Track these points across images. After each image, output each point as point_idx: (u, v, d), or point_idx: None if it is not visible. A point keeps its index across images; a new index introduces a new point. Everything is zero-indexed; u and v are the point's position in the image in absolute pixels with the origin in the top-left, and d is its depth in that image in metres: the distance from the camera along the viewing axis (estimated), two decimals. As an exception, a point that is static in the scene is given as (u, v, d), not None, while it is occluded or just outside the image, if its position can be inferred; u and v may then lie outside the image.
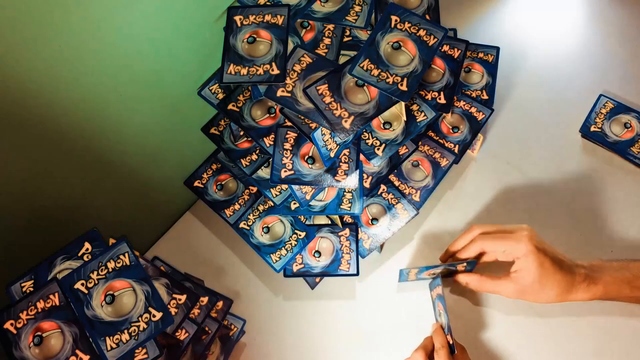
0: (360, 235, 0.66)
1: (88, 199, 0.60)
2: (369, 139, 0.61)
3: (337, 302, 0.67)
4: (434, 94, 0.63)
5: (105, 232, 0.53)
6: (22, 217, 0.54)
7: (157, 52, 0.55)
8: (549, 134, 0.74)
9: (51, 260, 0.51)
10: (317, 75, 0.58)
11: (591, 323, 0.61)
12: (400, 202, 0.66)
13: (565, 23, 0.85)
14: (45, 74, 0.46)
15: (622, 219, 0.66)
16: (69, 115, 0.51)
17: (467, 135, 0.69)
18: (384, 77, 0.55)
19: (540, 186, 0.71)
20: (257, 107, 0.63)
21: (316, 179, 0.59)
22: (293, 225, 0.65)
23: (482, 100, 0.71)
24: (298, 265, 0.64)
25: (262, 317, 0.67)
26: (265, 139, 0.62)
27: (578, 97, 0.76)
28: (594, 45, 0.81)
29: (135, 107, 0.58)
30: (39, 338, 0.45)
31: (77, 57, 0.47)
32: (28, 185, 0.52)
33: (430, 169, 0.68)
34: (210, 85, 0.64)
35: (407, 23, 0.57)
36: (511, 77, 0.79)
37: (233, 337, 0.63)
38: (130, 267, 0.49)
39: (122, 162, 0.61)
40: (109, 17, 0.48)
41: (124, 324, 0.46)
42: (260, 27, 0.59)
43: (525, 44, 0.83)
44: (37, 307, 0.46)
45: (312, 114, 0.57)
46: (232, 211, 0.69)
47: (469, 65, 0.73)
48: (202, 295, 0.57)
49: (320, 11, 0.61)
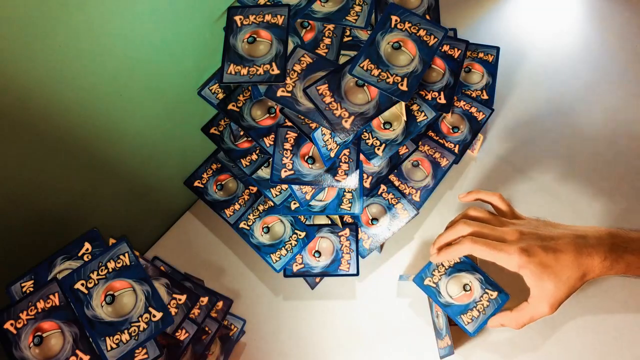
0: (360, 235, 0.66)
1: (88, 199, 0.60)
2: (369, 139, 0.61)
3: (337, 302, 0.67)
4: (434, 94, 0.63)
5: (105, 232, 0.53)
6: (22, 217, 0.54)
7: (157, 52, 0.55)
8: (548, 134, 0.74)
9: (51, 260, 0.51)
10: (317, 75, 0.58)
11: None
12: (400, 202, 0.66)
13: (565, 23, 0.85)
14: (44, 75, 0.46)
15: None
16: (68, 116, 0.51)
17: (467, 135, 0.69)
18: (384, 77, 0.55)
19: (540, 186, 0.71)
20: (257, 107, 0.63)
21: (316, 179, 0.59)
22: (293, 225, 0.65)
23: (482, 100, 0.71)
24: (298, 265, 0.64)
25: (262, 317, 0.67)
26: (265, 139, 0.62)
27: (578, 97, 0.76)
28: (594, 45, 0.81)
29: (135, 107, 0.58)
30: (39, 338, 0.45)
31: (77, 57, 0.47)
32: (28, 186, 0.52)
33: (430, 169, 0.68)
34: (211, 85, 0.64)
35: (407, 23, 0.57)
36: (511, 77, 0.79)
37: (233, 337, 0.63)
38: (130, 267, 0.48)
39: (122, 161, 0.61)
40: (109, 17, 0.48)
41: (124, 324, 0.46)
42: (261, 27, 0.59)
43: (525, 44, 0.83)
44: (37, 307, 0.46)
45: (312, 114, 0.57)
46: (232, 211, 0.69)
47: (469, 65, 0.73)
48: (202, 295, 0.57)
49: (321, 11, 0.61)
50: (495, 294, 0.55)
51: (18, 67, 0.43)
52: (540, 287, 0.49)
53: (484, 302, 0.55)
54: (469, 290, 0.56)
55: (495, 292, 0.55)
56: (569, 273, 0.49)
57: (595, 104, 0.76)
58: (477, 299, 0.55)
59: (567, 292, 0.50)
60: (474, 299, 0.55)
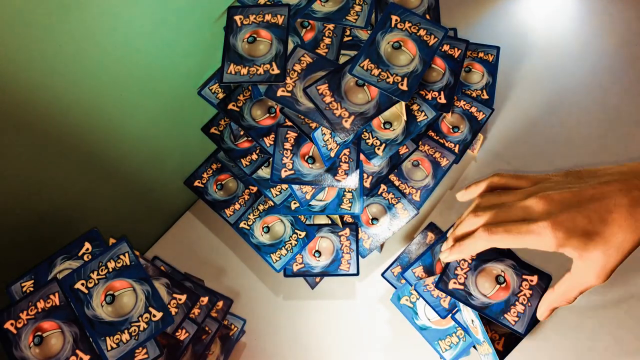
0: (360, 235, 0.66)
1: (88, 198, 0.60)
2: (369, 139, 0.61)
3: (337, 302, 0.67)
4: (434, 93, 0.63)
5: (105, 232, 0.53)
6: (23, 217, 0.54)
7: (157, 52, 0.55)
8: (548, 134, 0.74)
9: (51, 260, 0.51)
10: (317, 75, 0.58)
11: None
12: (400, 201, 0.66)
13: (566, 23, 0.85)
14: (44, 75, 0.46)
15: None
16: (69, 116, 0.50)
17: (468, 135, 0.69)
18: (384, 77, 0.55)
19: (540, 186, 0.71)
20: (257, 106, 0.63)
21: (316, 178, 0.59)
22: (293, 225, 0.65)
23: (482, 99, 0.71)
24: (298, 265, 0.64)
25: (262, 317, 0.66)
26: (265, 138, 0.62)
27: (578, 96, 0.76)
28: (594, 45, 0.81)
29: (135, 107, 0.58)
30: (39, 338, 0.45)
31: (77, 57, 0.47)
32: (28, 186, 0.52)
33: (430, 169, 0.68)
34: (211, 84, 0.64)
35: (407, 23, 0.57)
36: (511, 77, 0.79)
37: (233, 337, 0.63)
38: (130, 267, 0.48)
39: (122, 161, 0.61)
40: (109, 17, 0.48)
41: (124, 324, 0.46)
42: (261, 27, 0.59)
43: (525, 44, 0.83)
44: (37, 307, 0.46)
45: (313, 113, 0.57)
46: (232, 211, 0.69)
47: (469, 65, 0.73)
48: (202, 295, 0.57)
49: (321, 11, 0.61)
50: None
51: (18, 67, 0.43)
52: (586, 258, 0.39)
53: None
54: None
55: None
56: (623, 236, 0.38)
57: (596, 104, 0.76)
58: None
59: (620, 258, 0.39)
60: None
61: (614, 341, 0.59)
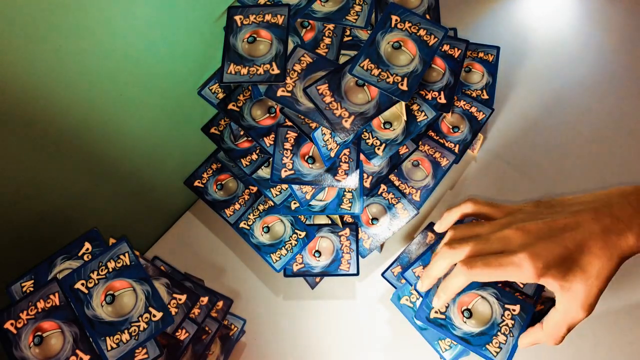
0: (360, 235, 0.66)
1: (88, 198, 0.60)
2: (369, 139, 0.61)
3: (337, 302, 0.67)
4: (434, 93, 0.63)
5: (105, 232, 0.53)
6: (22, 217, 0.54)
7: (157, 52, 0.55)
8: (549, 134, 0.74)
9: (51, 260, 0.51)
10: (317, 75, 0.58)
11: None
12: (400, 201, 0.66)
13: (566, 23, 0.85)
14: (44, 75, 0.46)
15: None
16: (68, 115, 0.50)
17: (468, 135, 0.69)
18: (384, 77, 0.55)
19: (540, 186, 0.71)
20: (257, 106, 0.63)
21: (316, 178, 0.59)
22: (293, 225, 0.65)
23: (482, 99, 0.71)
24: (298, 265, 0.64)
25: (262, 317, 0.66)
26: (265, 138, 0.62)
27: (578, 96, 0.76)
28: (594, 45, 0.81)
29: (135, 107, 0.58)
30: (39, 338, 0.45)
31: (77, 57, 0.47)
32: (28, 186, 0.52)
33: (430, 169, 0.68)
34: (211, 85, 0.64)
35: (407, 23, 0.57)
36: (511, 77, 0.79)
37: (233, 337, 0.63)
38: (130, 267, 0.48)
39: (122, 161, 0.61)
40: (109, 17, 0.48)
41: (124, 324, 0.46)
42: (261, 27, 0.59)
43: (525, 44, 0.83)
44: (37, 307, 0.46)
45: (313, 113, 0.57)
46: (232, 211, 0.69)
47: (469, 65, 0.73)
48: (202, 295, 0.57)
49: (321, 11, 0.61)
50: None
51: (18, 67, 0.43)
52: (567, 289, 0.39)
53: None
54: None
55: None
56: (600, 263, 0.39)
57: (596, 104, 0.76)
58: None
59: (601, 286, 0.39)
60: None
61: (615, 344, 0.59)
